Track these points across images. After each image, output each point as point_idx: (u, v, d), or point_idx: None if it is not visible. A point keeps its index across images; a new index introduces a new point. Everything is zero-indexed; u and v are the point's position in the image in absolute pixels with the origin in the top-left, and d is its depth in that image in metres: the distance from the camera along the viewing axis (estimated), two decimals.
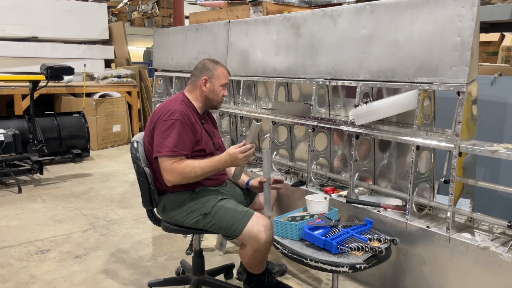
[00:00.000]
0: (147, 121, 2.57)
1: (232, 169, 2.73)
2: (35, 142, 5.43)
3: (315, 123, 3.03)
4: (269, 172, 2.59)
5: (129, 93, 7.77)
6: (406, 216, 2.44)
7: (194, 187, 2.46)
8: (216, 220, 2.39)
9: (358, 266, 2.01)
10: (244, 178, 2.73)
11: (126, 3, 10.75)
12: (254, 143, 2.47)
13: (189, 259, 3.03)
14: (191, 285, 2.64)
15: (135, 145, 2.51)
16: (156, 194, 2.49)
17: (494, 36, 5.43)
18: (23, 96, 6.62)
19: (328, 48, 2.92)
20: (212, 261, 3.13)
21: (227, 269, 2.93)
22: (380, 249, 2.06)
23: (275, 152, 3.51)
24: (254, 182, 2.70)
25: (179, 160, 2.36)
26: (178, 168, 2.33)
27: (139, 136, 2.61)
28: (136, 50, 10.28)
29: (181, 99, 2.54)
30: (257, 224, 2.33)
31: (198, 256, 2.69)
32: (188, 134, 2.40)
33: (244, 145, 2.39)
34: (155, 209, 2.60)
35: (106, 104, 7.14)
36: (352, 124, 2.74)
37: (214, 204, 2.42)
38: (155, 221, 2.64)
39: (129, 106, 7.76)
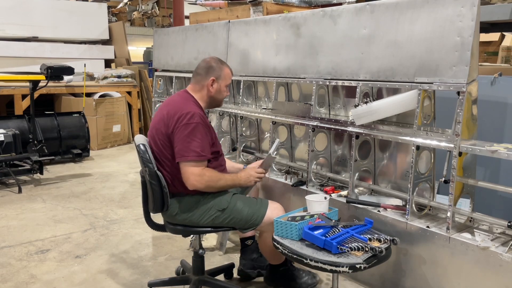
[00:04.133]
0: (157, 122, 2.47)
1: (230, 166, 2.81)
2: (35, 142, 5.43)
3: (315, 123, 3.03)
4: (273, 152, 2.74)
5: (129, 93, 7.76)
6: (406, 216, 2.44)
7: None
8: (235, 214, 2.43)
9: (358, 266, 2.01)
10: (239, 166, 2.84)
11: (126, 3, 10.75)
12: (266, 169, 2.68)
13: (189, 259, 3.03)
14: (191, 285, 2.64)
15: (143, 147, 2.41)
16: (168, 197, 2.44)
17: (494, 36, 5.42)
18: (23, 96, 6.62)
19: (328, 48, 2.92)
20: (212, 261, 3.13)
21: (227, 269, 2.93)
22: (380, 249, 2.06)
23: (275, 152, 3.51)
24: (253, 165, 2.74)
25: (208, 168, 2.40)
26: (208, 176, 2.37)
27: (142, 139, 2.51)
28: (136, 50, 10.28)
29: (191, 99, 2.51)
30: (275, 210, 2.46)
31: (198, 256, 2.68)
32: (207, 136, 2.42)
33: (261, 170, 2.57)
34: (151, 214, 2.58)
35: (106, 104, 7.14)
36: (352, 124, 2.74)
37: (229, 199, 2.46)
38: (156, 226, 2.60)
39: (129, 106, 7.76)
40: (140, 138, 2.54)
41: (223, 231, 3.04)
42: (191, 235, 2.74)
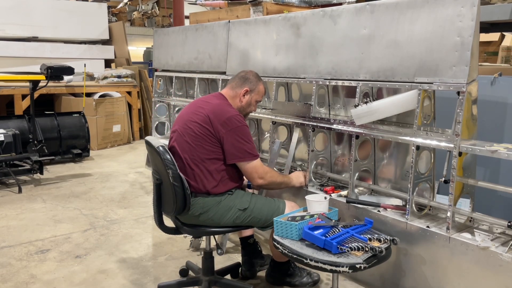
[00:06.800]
0: (198, 119, 2.47)
1: None
2: (35, 142, 5.43)
3: (315, 123, 3.03)
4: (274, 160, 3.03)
5: (129, 93, 7.77)
6: (406, 216, 2.44)
7: (233, 187, 2.52)
8: (256, 213, 2.49)
9: (358, 266, 2.00)
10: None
11: (126, 3, 10.76)
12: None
13: (189, 259, 3.03)
14: (203, 286, 2.64)
15: (162, 149, 2.36)
16: (190, 198, 2.42)
17: (494, 36, 5.42)
18: (23, 96, 6.62)
19: (328, 48, 2.92)
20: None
21: (234, 269, 2.93)
22: (380, 249, 2.06)
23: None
24: None
25: (266, 166, 2.55)
26: (270, 174, 2.54)
27: (157, 141, 2.45)
28: (136, 50, 10.29)
29: (229, 104, 2.58)
30: (292, 208, 2.55)
31: (208, 256, 2.68)
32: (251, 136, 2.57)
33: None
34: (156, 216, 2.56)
35: (106, 104, 7.14)
36: (352, 124, 2.74)
37: (250, 198, 2.53)
38: (169, 229, 2.57)
39: (129, 106, 7.76)
40: (155, 140, 2.47)
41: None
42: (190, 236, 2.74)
